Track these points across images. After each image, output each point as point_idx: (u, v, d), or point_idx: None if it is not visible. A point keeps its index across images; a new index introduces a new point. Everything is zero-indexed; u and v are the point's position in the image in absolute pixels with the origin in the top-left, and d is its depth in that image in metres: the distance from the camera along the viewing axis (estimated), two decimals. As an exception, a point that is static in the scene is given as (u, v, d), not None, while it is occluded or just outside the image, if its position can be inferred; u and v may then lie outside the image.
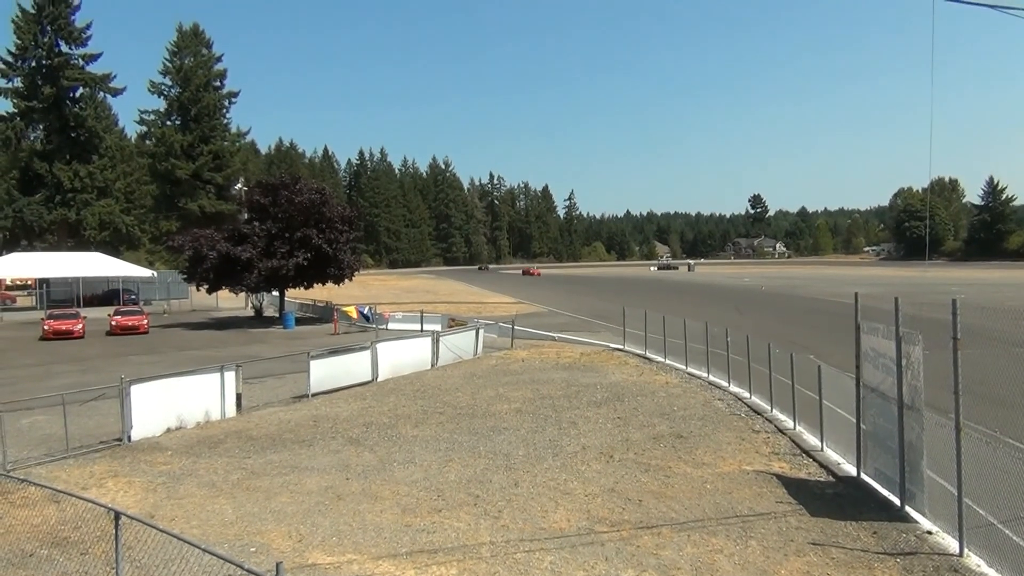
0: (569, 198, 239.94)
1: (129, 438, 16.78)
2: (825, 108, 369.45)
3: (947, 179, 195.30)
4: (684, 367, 26.23)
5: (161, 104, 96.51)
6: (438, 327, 37.16)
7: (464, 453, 15.19)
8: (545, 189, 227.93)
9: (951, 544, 9.83)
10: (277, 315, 49.61)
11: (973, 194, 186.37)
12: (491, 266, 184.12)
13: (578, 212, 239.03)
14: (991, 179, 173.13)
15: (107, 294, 60.90)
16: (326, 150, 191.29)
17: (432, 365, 28.25)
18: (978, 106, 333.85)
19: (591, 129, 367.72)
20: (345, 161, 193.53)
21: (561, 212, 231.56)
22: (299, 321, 47.62)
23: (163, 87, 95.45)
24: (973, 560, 9.38)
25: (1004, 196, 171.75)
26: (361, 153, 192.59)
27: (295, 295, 54.33)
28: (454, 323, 39.04)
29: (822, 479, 13.35)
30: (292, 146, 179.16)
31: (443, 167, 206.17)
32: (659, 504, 11.79)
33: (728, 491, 12.41)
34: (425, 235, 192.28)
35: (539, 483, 12.99)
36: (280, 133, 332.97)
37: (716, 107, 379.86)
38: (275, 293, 51.47)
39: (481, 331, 33.21)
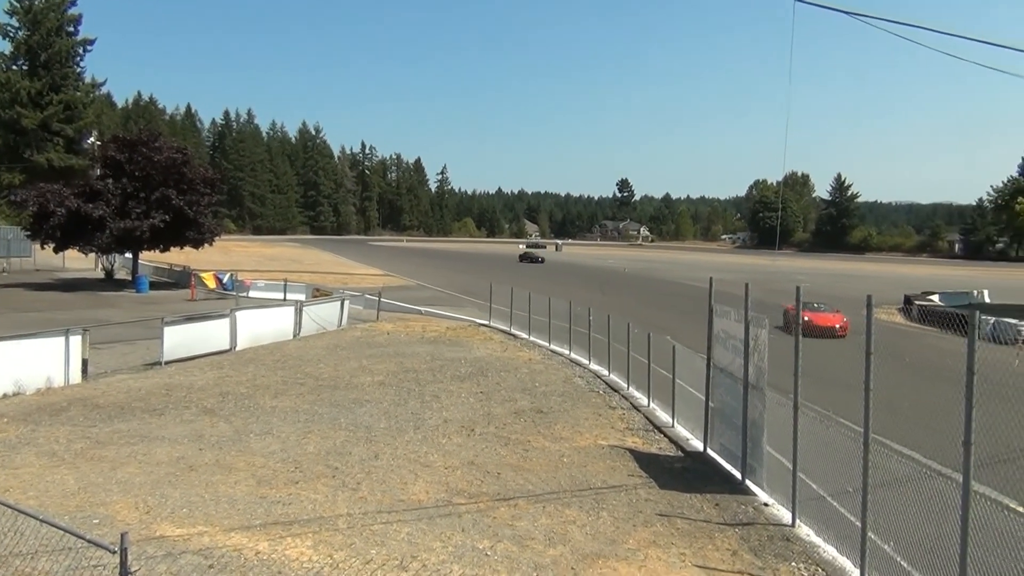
0: (442, 172, 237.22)
1: (-42, 404, 15.65)
2: (692, 98, 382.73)
3: (799, 174, 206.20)
4: (547, 344, 26.76)
5: (6, 47, 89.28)
6: (302, 297, 36.35)
7: (324, 425, 14.99)
8: (418, 162, 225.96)
9: (785, 515, 10.51)
10: (129, 279, 47.20)
11: (822, 189, 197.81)
12: (361, 236, 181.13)
13: (450, 187, 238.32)
14: (839, 176, 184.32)
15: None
16: (189, 108, 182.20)
17: (294, 335, 27.66)
18: (831, 105, 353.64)
19: (466, 104, 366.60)
20: (209, 121, 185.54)
21: (433, 186, 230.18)
22: (154, 286, 45.54)
23: (9, 28, 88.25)
24: (804, 530, 10.07)
25: (850, 192, 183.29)
26: (227, 114, 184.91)
27: (150, 258, 51.80)
28: (319, 293, 38.32)
29: (672, 454, 13.98)
30: (152, 101, 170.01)
31: (313, 133, 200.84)
32: (517, 477, 12.03)
33: (583, 465, 12.80)
34: (292, 202, 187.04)
35: (399, 455, 12.99)
36: (139, 87, 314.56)
37: (589, 90, 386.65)
38: (128, 255, 48.88)
39: (347, 302, 32.74)
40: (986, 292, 54.45)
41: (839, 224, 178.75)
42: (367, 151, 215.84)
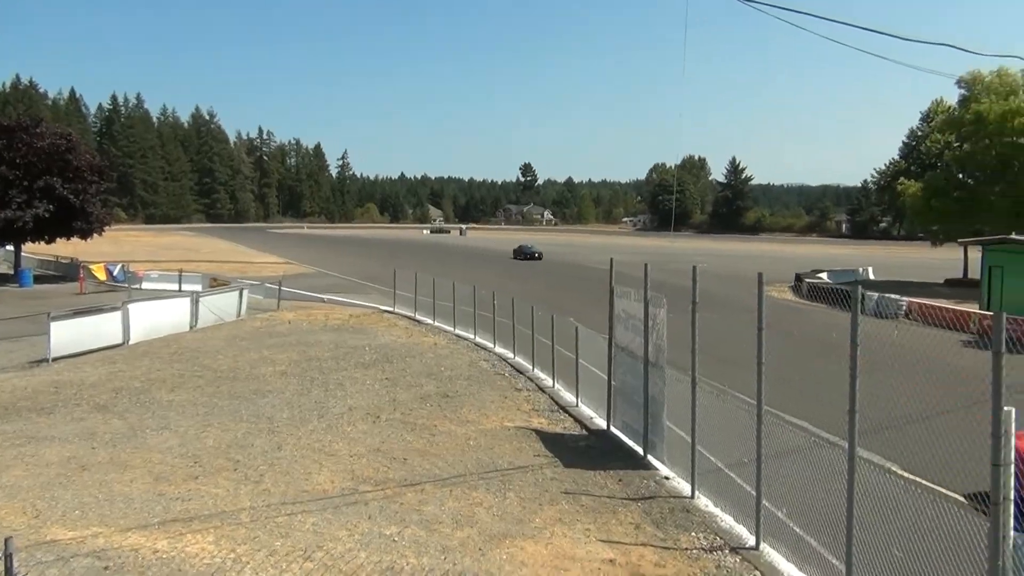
0: (343, 157, 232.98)
1: None
2: (592, 82, 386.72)
3: (697, 157, 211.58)
4: (452, 329, 26.76)
5: None
6: (198, 287, 35.29)
7: (224, 417, 14.62)
8: (318, 147, 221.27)
9: (685, 488, 10.84)
10: (12, 272, 44.81)
11: (719, 172, 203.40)
12: (261, 224, 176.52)
13: (352, 172, 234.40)
14: (734, 160, 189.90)
15: None
16: (73, 92, 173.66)
17: (191, 327, 26.84)
18: (727, 90, 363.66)
19: (367, 88, 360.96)
20: (95, 106, 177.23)
21: (334, 172, 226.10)
22: (38, 279, 43.44)
23: None
24: (703, 501, 10.42)
25: (744, 175, 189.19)
26: (114, 99, 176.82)
27: (34, 250, 49.31)
28: (216, 283, 37.27)
29: (576, 433, 14.23)
30: (32, 85, 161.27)
31: (207, 118, 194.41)
32: (424, 462, 12.02)
33: (490, 447, 12.89)
34: (186, 189, 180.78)
35: (303, 445, 12.80)
36: (17, 70, 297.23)
37: (491, 74, 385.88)
38: (9, 247, 46.36)
39: (246, 292, 31.96)
40: (870, 269, 57.23)
41: (734, 206, 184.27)
42: (265, 136, 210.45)
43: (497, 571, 8.00)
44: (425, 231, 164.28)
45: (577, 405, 16.00)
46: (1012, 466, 5.41)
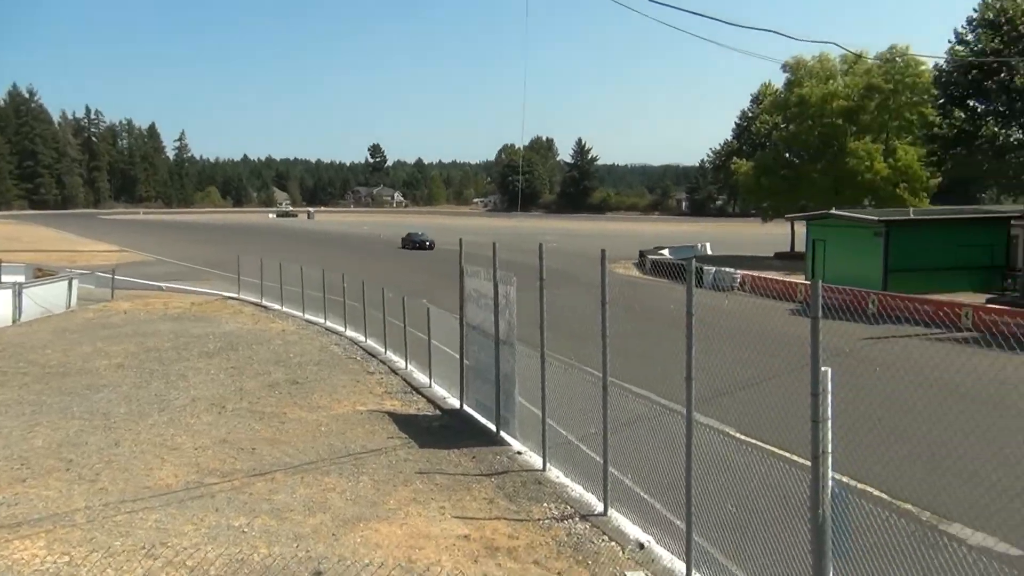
0: (180, 139, 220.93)
1: None
2: (439, 62, 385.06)
3: (544, 138, 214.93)
4: (302, 314, 26.16)
5: None
6: (21, 278, 32.78)
7: (54, 415, 13.71)
8: (152, 128, 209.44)
9: (537, 461, 11.10)
10: None
11: (566, 153, 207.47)
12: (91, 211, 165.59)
13: (190, 154, 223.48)
14: (580, 140, 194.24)
15: None
16: None
17: (14, 321, 24.97)
18: (572, 72, 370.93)
19: (203, 66, 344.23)
20: None
21: (171, 154, 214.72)
22: None
23: None
24: (554, 473, 10.71)
25: (590, 156, 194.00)
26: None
27: None
28: (41, 273, 34.76)
29: (430, 413, 14.27)
30: None
31: (27, 96, 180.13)
32: (273, 450, 11.73)
33: (342, 432, 12.73)
34: (5, 174, 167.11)
35: (143, 440, 12.19)
36: None
37: (337, 53, 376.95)
38: None
39: (75, 282, 30.02)
40: (708, 245, 60.17)
41: (582, 186, 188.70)
42: (93, 117, 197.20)
43: (351, 555, 7.93)
44: (271, 215, 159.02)
45: (431, 386, 16.03)
46: (830, 422, 5.86)
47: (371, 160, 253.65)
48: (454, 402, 14.64)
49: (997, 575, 5.41)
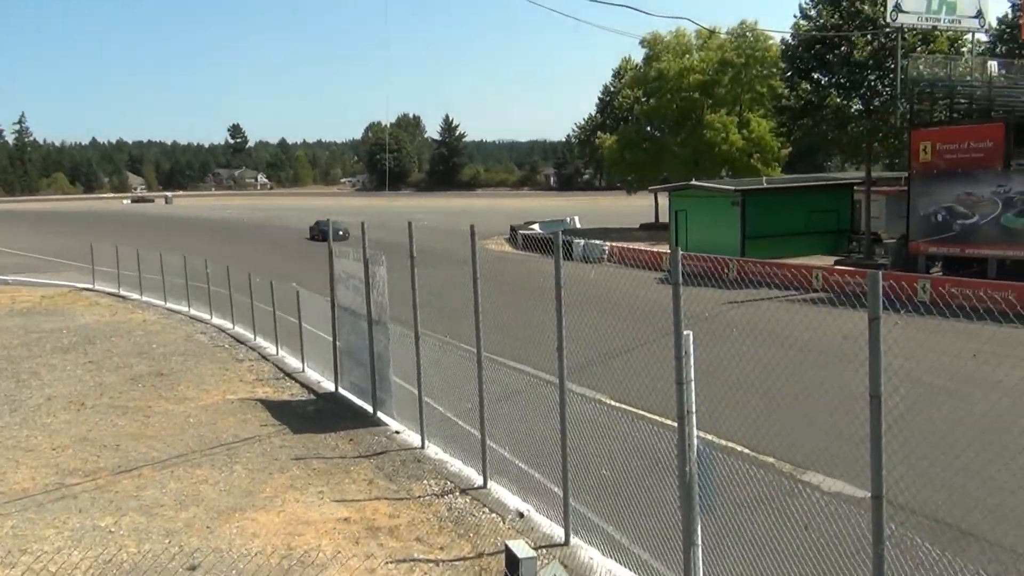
0: (19, 121, 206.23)
1: None
2: (304, 37, 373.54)
3: (412, 115, 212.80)
4: (163, 303, 25.10)
5: None
6: None
7: None
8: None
9: (415, 439, 11.11)
10: None
11: (433, 130, 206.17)
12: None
13: (32, 138, 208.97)
14: (447, 117, 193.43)
15: None
16: None
17: None
18: (438, 49, 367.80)
19: (43, 41, 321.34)
20: None
21: (10, 138, 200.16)
22: None
23: None
24: (433, 450, 10.75)
25: (458, 132, 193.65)
26: None
27: None
28: None
29: (304, 398, 14.03)
30: None
31: None
32: (139, 446, 11.25)
33: (212, 422, 12.34)
34: None
35: (-6, 444, 11.45)
36: None
37: (190, 28, 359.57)
38: None
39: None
40: (577, 219, 61.26)
41: (451, 163, 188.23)
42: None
43: (227, 546, 7.74)
44: (125, 201, 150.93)
45: (304, 370, 15.74)
46: (693, 383, 6.13)
47: (231, 141, 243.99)
48: (329, 385, 14.43)
49: (847, 515, 5.84)
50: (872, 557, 4.62)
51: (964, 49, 35.06)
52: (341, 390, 13.89)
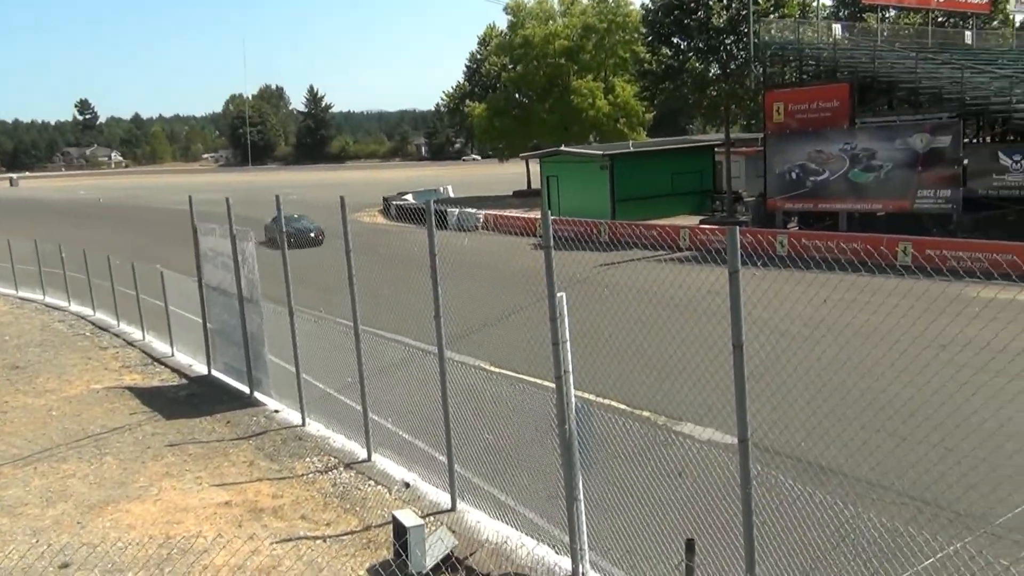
0: None
1: None
2: (154, 6, 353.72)
3: (275, 87, 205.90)
4: (14, 292, 23.57)
5: None
6: None
7: None
8: None
9: (295, 417, 10.93)
10: None
11: (298, 102, 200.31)
12: None
13: None
14: (312, 88, 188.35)
15: None
16: None
17: None
18: (298, 16, 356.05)
19: None
20: None
21: None
22: None
23: None
24: (314, 427, 10.61)
25: (324, 104, 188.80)
26: None
27: None
28: None
29: (175, 383, 13.53)
30: None
31: None
32: (-3, 444, 10.61)
33: (77, 414, 11.75)
34: None
35: None
36: None
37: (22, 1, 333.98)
38: None
39: None
40: (450, 188, 61.10)
41: (318, 135, 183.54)
42: None
43: (101, 540, 7.43)
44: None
45: (173, 355, 15.16)
46: (568, 343, 6.28)
47: (80, 117, 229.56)
48: (201, 368, 13.96)
49: (718, 460, 6.16)
50: (741, 497, 4.90)
51: (811, 14, 36.81)
52: (215, 372, 13.47)
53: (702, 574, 5.26)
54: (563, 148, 41.91)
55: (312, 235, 31.30)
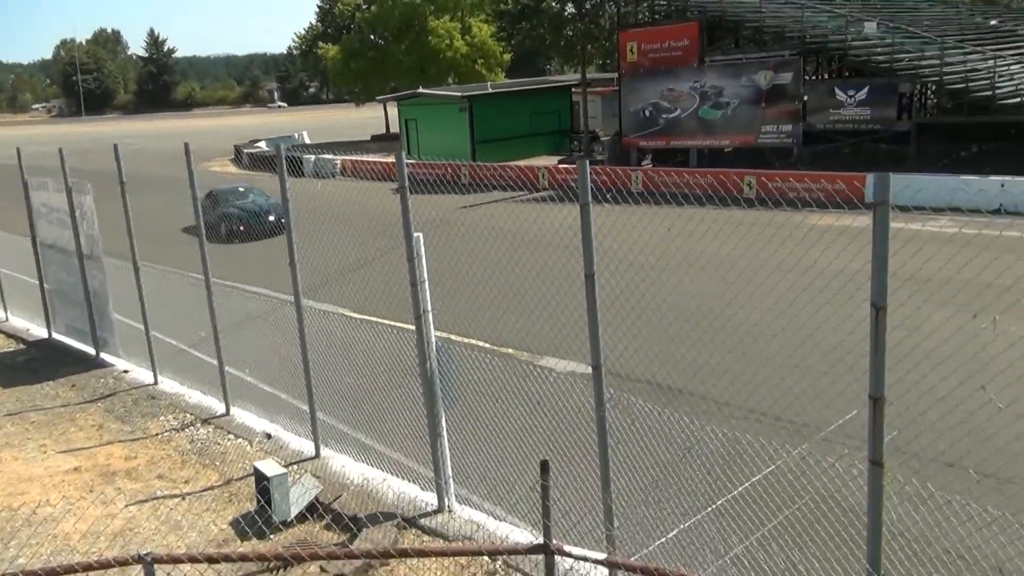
0: None
1: None
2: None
3: (110, 30, 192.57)
4: None
5: None
6: None
7: None
8: None
9: (147, 376, 10.44)
10: None
11: (137, 46, 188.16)
12: None
13: None
14: (152, 31, 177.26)
15: None
16: None
17: None
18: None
19: None
20: None
21: None
22: None
23: None
24: (168, 384, 10.19)
25: (167, 48, 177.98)
26: None
27: None
28: None
29: (11, 349, 12.65)
30: None
31: None
32: None
33: (-101, 388, 10.83)
34: None
35: None
36: None
37: None
38: None
39: None
40: (305, 134, 59.22)
41: (161, 82, 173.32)
42: None
43: (-65, 519, 6.94)
44: None
45: (7, 319, 14.14)
46: (427, 283, 6.25)
47: None
48: (40, 332, 13.09)
49: (576, 388, 6.33)
50: (596, 420, 5.07)
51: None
52: (56, 335, 12.67)
53: (560, 494, 5.42)
54: (421, 90, 41.25)
55: (271, 218, 19.39)
